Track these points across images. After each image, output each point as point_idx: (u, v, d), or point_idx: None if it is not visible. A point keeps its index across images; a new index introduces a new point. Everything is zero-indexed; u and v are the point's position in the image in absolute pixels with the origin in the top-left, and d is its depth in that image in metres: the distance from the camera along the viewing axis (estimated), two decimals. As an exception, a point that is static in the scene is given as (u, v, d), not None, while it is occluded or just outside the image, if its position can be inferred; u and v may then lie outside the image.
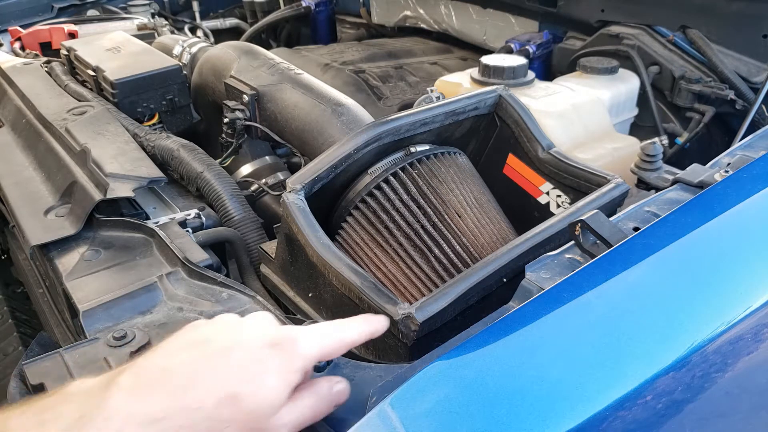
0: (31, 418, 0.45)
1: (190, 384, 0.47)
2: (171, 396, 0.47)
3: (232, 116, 1.23)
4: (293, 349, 0.52)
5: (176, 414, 0.46)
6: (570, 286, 0.61)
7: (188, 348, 0.51)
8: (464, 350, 0.55)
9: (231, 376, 0.49)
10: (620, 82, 1.45)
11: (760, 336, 0.63)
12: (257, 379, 0.49)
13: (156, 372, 0.48)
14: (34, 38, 1.83)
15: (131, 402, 0.46)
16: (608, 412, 0.51)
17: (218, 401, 0.47)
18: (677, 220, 0.69)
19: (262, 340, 0.52)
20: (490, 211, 0.94)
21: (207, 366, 0.49)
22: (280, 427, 0.51)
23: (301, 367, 0.52)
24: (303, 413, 0.52)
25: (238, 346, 0.51)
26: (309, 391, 0.53)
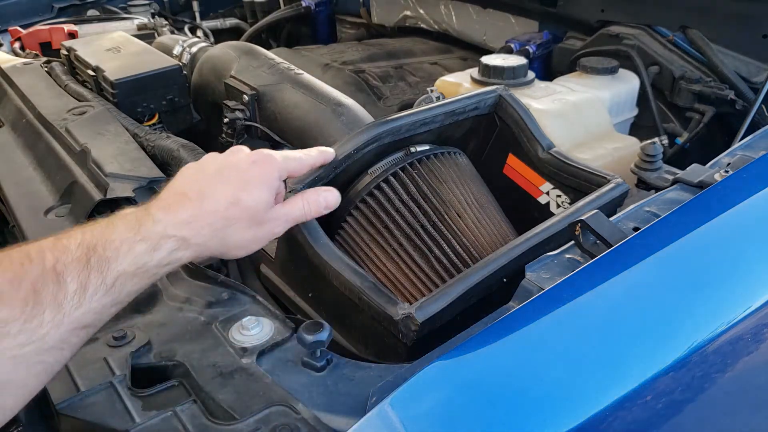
0: (102, 223, 0.62)
1: (204, 197, 0.66)
2: (193, 207, 0.65)
3: (232, 116, 1.23)
4: (269, 162, 0.71)
5: (200, 218, 0.65)
6: (570, 286, 0.61)
7: (193, 176, 0.69)
8: (464, 350, 0.55)
9: (230, 186, 0.68)
10: (620, 82, 1.45)
11: (759, 336, 0.63)
12: (248, 186, 0.68)
13: (176, 196, 0.67)
14: (34, 38, 1.83)
15: (167, 214, 0.64)
16: (608, 412, 0.51)
17: (226, 205, 0.66)
18: (677, 220, 0.69)
19: (245, 160, 0.71)
20: (490, 211, 0.94)
21: (212, 184, 0.68)
22: (274, 219, 0.71)
23: (277, 175, 0.71)
24: (292, 210, 0.73)
25: (228, 167, 0.70)
26: (298, 196, 0.75)
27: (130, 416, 0.61)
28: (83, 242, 0.58)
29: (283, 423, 0.57)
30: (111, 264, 0.59)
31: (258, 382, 0.63)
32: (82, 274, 0.56)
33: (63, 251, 0.57)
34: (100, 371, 0.66)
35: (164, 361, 0.68)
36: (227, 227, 0.67)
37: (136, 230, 0.62)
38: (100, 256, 0.58)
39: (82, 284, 0.56)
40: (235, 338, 0.69)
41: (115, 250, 0.59)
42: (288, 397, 0.60)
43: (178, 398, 0.63)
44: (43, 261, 0.55)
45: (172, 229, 0.63)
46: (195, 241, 0.65)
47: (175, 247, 0.64)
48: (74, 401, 0.63)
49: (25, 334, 0.52)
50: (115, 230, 0.61)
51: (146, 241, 0.61)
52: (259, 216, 0.69)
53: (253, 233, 0.69)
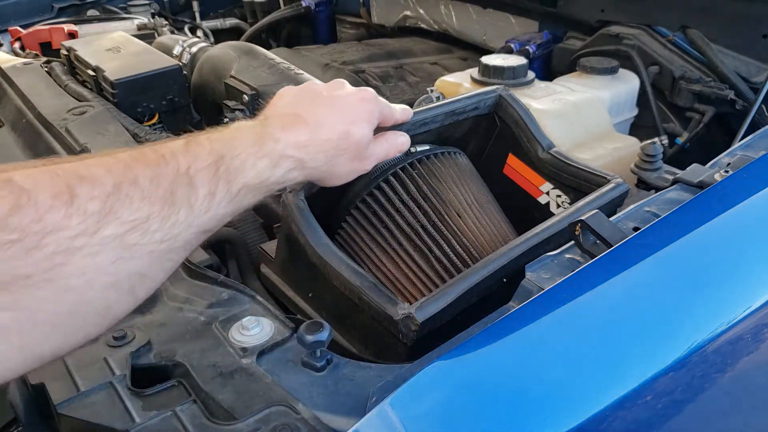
0: (228, 133, 0.65)
1: (320, 125, 0.70)
2: (311, 131, 0.69)
3: (232, 116, 1.23)
4: (374, 101, 0.77)
5: (316, 143, 0.69)
6: (570, 286, 0.61)
7: (305, 100, 0.73)
8: (464, 350, 0.55)
9: (343, 119, 0.72)
10: (620, 82, 1.45)
11: (760, 336, 0.63)
12: (358, 121, 0.73)
13: (292, 116, 0.70)
14: (34, 38, 1.83)
15: (286, 134, 0.67)
16: (608, 412, 0.51)
17: (339, 135, 0.71)
18: (677, 220, 0.69)
19: (355, 96, 0.76)
20: (490, 211, 0.94)
21: (326, 113, 0.71)
22: (370, 156, 0.77)
23: (377, 116, 0.77)
24: (381, 148, 0.80)
25: (340, 100, 0.74)
26: (384, 136, 0.81)
27: (130, 416, 0.61)
28: (213, 151, 0.61)
29: (283, 423, 0.57)
30: (237, 175, 0.62)
31: (258, 382, 0.63)
32: (212, 182, 0.59)
33: (195, 157, 0.59)
34: (100, 371, 0.66)
35: (164, 361, 0.68)
36: (337, 156, 0.72)
37: (259, 146, 0.65)
38: (227, 166, 0.61)
39: (211, 191, 0.59)
40: (235, 338, 0.69)
41: (242, 162, 0.62)
42: (288, 397, 0.60)
43: (178, 398, 0.63)
44: (178, 164, 0.57)
45: (291, 149, 0.67)
46: (310, 164, 0.69)
47: (292, 167, 0.67)
48: (74, 401, 0.63)
49: (162, 231, 0.54)
50: (241, 143, 0.64)
51: (268, 158, 0.65)
52: (361, 151, 0.75)
53: (353, 166, 0.75)
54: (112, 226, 0.50)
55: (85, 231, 0.49)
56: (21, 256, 0.45)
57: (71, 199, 0.49)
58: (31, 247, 0.46)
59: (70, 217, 0.48)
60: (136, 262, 0.53)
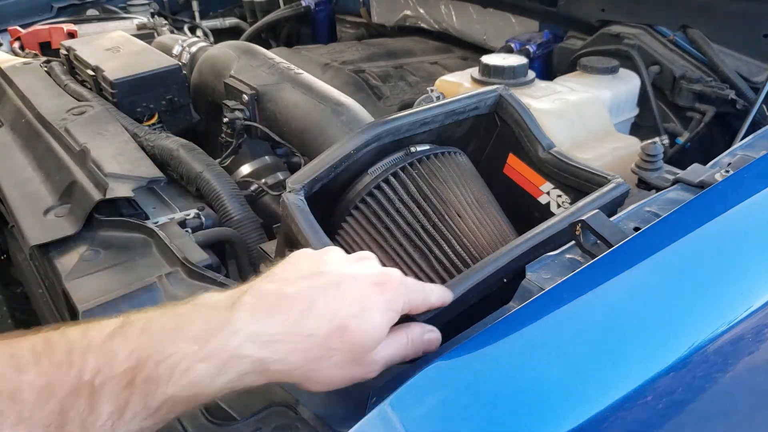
0: (169, 321, 0.50)
1: (306, 313, 0.52)
2: (288, 321, 0.51)
3: (231, 116, 1.23)
4: (396, 290, 0.57)
5: (291, 338, 0.51)
6: (570, 286, 0.61)
7: (305, 278, 0.55)
8: (464, 351, 0.55)
9: (342, 309, 0.53)
10: (620, 81, 1.45)
11: (760, 336, 0.63)
12: (364, 314, 0.54)
13: (276, 298, 0.53)
14: (33, 38, 1.83)
15: (252, 322, 0.51)
16: (608, 413, 0.51)
17: (329, 331, 0.52)
18: (677, 220, 0.69)
19: (370, 279, 0.56)
20: (490, 211, 0.94)
21: (321, 297, 0.53)
22: (377, 362, 0.55)
23: (400, 308, 0.57)
24: (396, 352, 0.57)
25: (349, 282, 0.55)
26: (403, 333, 0.58)
27: (129, 417, 0.60)
28: (135, 350, 0.47)
29: (283, 423, 0.57)
30: (159, 387, 0.47)
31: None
32: (122, 395, 0.46)
33: (109, 360, 0.47)
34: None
35: (164, 361, 0.68)
36: (322, 359, 0.52)
37: (203, 341, 0.49)
38: (148, 375, 0.47)
39: (120, 407, 0.46)
40: (235, 338, 0.69)
41: (170, 368, 0.48)
42: (288, 397, 0.60)
43: (178, 398, 0.63)
44: (82, 369, 0.46)
45: (250, 346, 0.50)
46: (275, 367, 0.51)
47: (247, 371, 0.50)
48: (73, 401, 0.63)
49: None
50: (179, 338, 0.49)
51: (211, 360, 0.49)
52: (362, 355, 0.54)
53: (344, 373, 0.54)
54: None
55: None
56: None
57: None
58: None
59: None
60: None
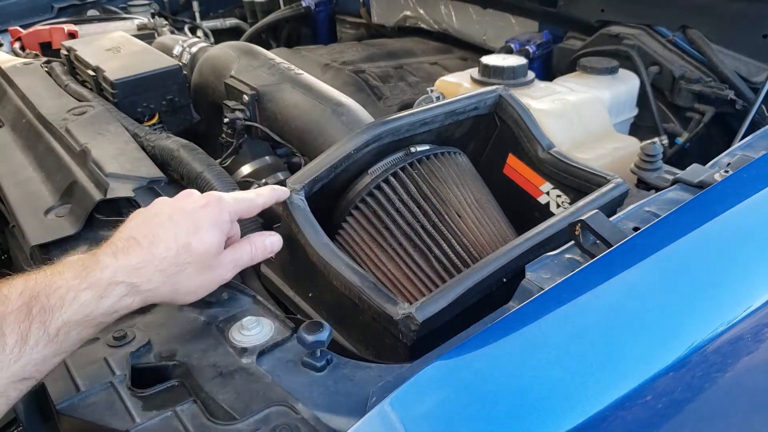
0: (48, 270, 0.60)
1: (155, 243, 0.65)
2: (143, 253, 0.64)
3: (232, 116, 1.23)
4: (219, 204, 0.70)
5: (150, 263, 0.64)
6: (570, 286, 0.61)
7: (144, 222, 0.68)
8: (464, 350, 0.55)
9: (181, 231, 0.66)
10: (620, 82, 1.45)
11: (759, 336, 0.63)
12: (199, 230, 0.67)
13: (126, 241, 0.65)
14: (34, 38, 1.83)
15: (117, 260, 0.62)
16: (608, 412, 0.51)
17: (177, 249, 0.65)
18: (677, 220, 0.69)
19: (195, 203, 0.70)
20: (490, 211, 0.94)
21: (162, 229, 0.66)
22: (225, 264, 0.70)
23: (227, 218, 0.70)
24: (241, 255, 0.72)
25: (179, 211, 0.68)
26: (245, 240, 0.74)
27: (130, 416, 0.61)
28: (25, 291, 0.56)
29: (283, 423, 0.57)
30: (54, 313, 0.57)
31: (258, 382, 0.63)
32: (23, 325, 0.55)
33: (3, 301, 0.55)
34: (100, 371, 0.66)
35: (164, 361, 0.68)
36: (178, 273, 0.65)
37: (82, 277, 0.59)
38: (42, 305, 0.56)
39: (23, 336, 0.54)
40: (235, 338, 0.69)
41: (60, 298, 0.57)
42: (288, 397, 0.60)
43: (178, 398, 0.63)
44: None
45: (121, 275, 0.62)
46: (145, 287, 0.63)
47: (124, 294, 0.62)
48: (74, 401, 0.63)
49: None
50: (61, 277, 0.59)
51: (93, 288, 0.59)
52: (209, 261, 0.68)
53: (203, 278, 0.68)
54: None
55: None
56: None
57: None
58: None
59: None
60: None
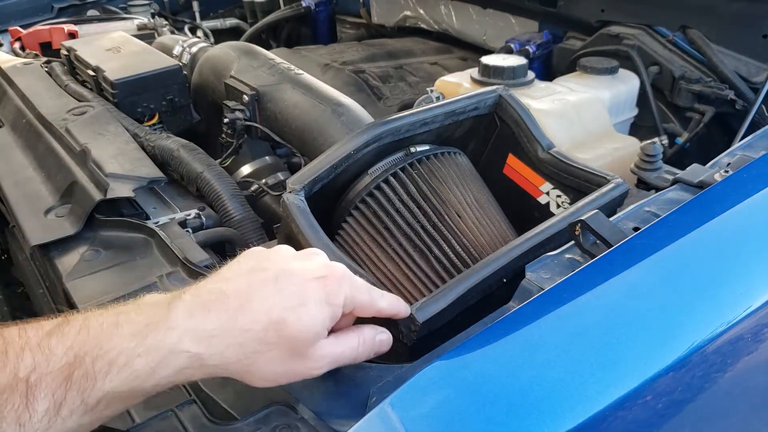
0: (108, 318, 0.51)
1: (243, 308, 0.53)
2: (225, 317, 0.52)
3: (232, 116, 1.23)
4: (337, 284, 0.57)
5: (228, 333, 0.52)
6: (570, 286, 0.61)
7: (244, 275, 0.56)
8: (464, 350, 0.55)
9: (279, 303, 0.54)
10: (620, 82, 1.45)
11: (760, 336, 0.63)
12: (301, 308, 0.54)
13: (214, 294, 0.54)
14: (34, 38, 1.83)
15: (190, 319, 0.52)
16: (608, 412, 0.51)
17: (266, 325, 0.53)
18: (677, 220, 0.69)
19: (310, 273, 0.56)
20: (490, 211, 0.94)
21: (258, 293, 0.54)
22: (321, 358, 0.56)
23: (340, 302, 0.57)
24: (344, 350, 0.58)
25: (288, 276, 0.55)
26: (354, 333, 0.59)
27: (130, 416, 0.61)
28: (74, 346, 0.49)
29: (283, 423, 0.57)
30: (98, 382, 0.49)
31: (258, 382, 0.63)
32: (58, 392, 0.47)
33: (46, 357, 0.48)
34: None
35: (164, 361, 0.68)
36: (258, 354, 0.53)
37: (141, 337, 0.50)
38: (86, 370, 0.48)
39: (56, 404, 0.47)
40: (235, 338, 0.69)
41: (108, 363, 0.49)
42: (288, 397, 0.60)
43: (178, 398, 0.63)
44: (18, 366, 0.47)
45: (188, 341, 0.51)
46: (212, 361, 0.52)
47: (185, 366, 0.51)
48: (74, 401, 0.63)
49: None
50: (118, 333, 0.50)
51: (149, 355, 0.50)
52: (302, 348, 0.54)
53: (287, 368, 0.55)
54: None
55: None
56: None
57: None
58: None
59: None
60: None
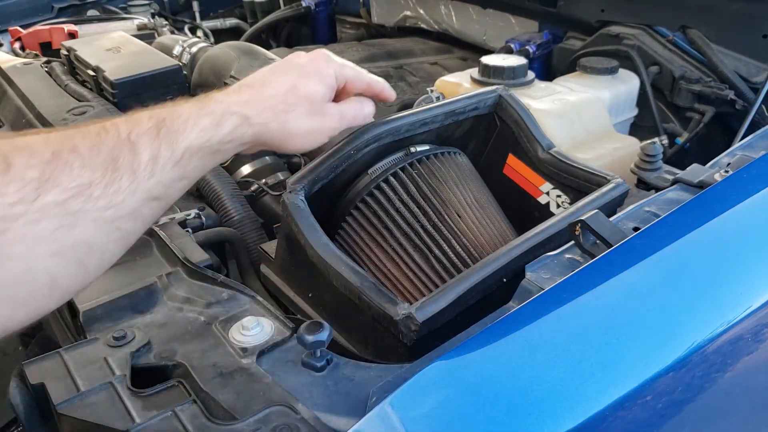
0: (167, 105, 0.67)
1: (264, 85, 0.74)
2: (253, 91, 0.73)
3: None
4: (325, 59, 0.80)
5: (258, 99, 0.72)
6: (570, 286, 0.61)
7: (257, 73, 0.78)
8: (464, 350, 0.55)
9: (288, 78, 0.75)
10: (620, 82, 1.45)
11: (760, 336, 0.63)
12: (305, 76, 0.76)
13: (239, 86, 0.75)
14: (34, 38, 1.83)
15: (228, 96, 0.72)
16: (608, 412, 0.51)
17: (285, 90, 0.74)
18: (677, 220, 0.69)
19: (304, 56, 0.80)
20: (490, 211, 0.94)
21: (272, 74, 0.76)
22: (333, 114, 0.78)
23: (332, 72, 0.79)
24: (347, 109, 0.81)
25: (288, 62, 0.79)
26: (351, 99, 0.83)
27: (130, 416, 0.61)
28: (153, 115, 0.63)
29: (283, 423, 0.57)
30: (179, 136, 0.63)
31: (258, 382, 0.63)
32: (154, 145, 0.60)
33: (136, 123, 0.61)
34: (100, 371, 0.66)
35: (164, 361, 0.68)
36: (287, 112, 0.73)
37: (200, 106, 0.67)
38: (169, 128, 0.63)
39: (154, 155, 0.60)
40: (235, 338, 0.69)
41: (183, 123, 0.64)
42: (288, 397, 0.60)
43: (178, 398, 0.63)
44: (118, 131, 0.59)
45: (234, 106, 0.70)
46: (256, 120, 0.71)
47: (238, 123, 0.69)
48: (74, 401, 0.63)
49: (106, 198, 0.55)
50: (181, 107, 0.66)
51: (210, 116, 0.67)
52: (317, 106, 0.76)
53: (312, 122, 0.76)
54: (52, 193, 0.51)
55: (24, 198, 0.50)
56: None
57: (7, 168, 0.50)
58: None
59: (7, 185, 0.49)
60: (81, 230, 0.53)
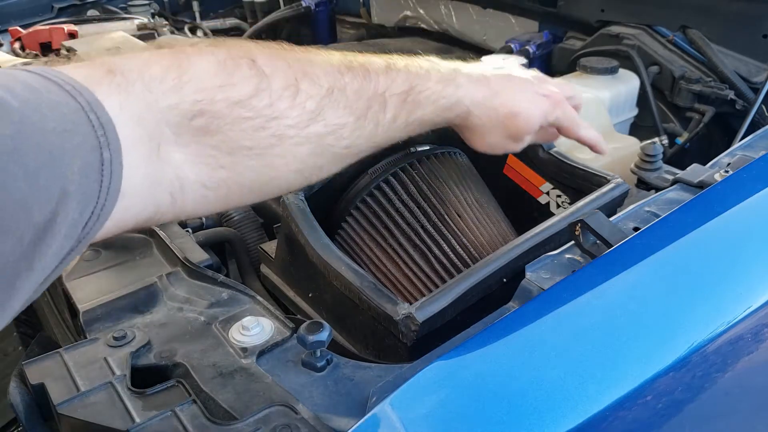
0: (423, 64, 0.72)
1: (498, 94, 0.74)
2: (487, 94, 0.73)
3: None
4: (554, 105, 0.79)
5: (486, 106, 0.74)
6: (570, 286, 0.61)
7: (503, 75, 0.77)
8: (464, 350, 0.55)
9: (520, 101, 0.75)
10: (620, 82, 1.44)
11: (760, 336, 0.63)
12: (529, 110, 0.76)
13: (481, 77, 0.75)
14: (34, 38, 1.82)
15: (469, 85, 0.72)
16: (608, 412, 0.51)
17: (507, 113, 0.75)
18: (677, 220, 0.69)
19: (542, 90, 0.79)
20: (490, 211, 0.94)
21: (510, 88, 0.76)
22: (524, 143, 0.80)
23: (553, 119, 0.79)
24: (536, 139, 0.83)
25: (530, 85, 0.78)
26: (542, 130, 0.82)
27: (130, 416, 0.61)
28: (407, 80, 0.67)
29: (283, 423, 0.57)
30: (418, 109, 0.68)
31: (258, 382, 0.63)
32: (398, 108, 0.66)
33: (392, 81, 0.66)
34: (100, 371, 0.66)
35: (164, 361, 0.68)
36: (496, 127, 0.76)
37: (443, 86, 0.70)
38: (414, 99, 0.67)
39: (395, 116, 0.66)
40: (235, 338, 0.69)
41: (426, 98, 0.68)
42: (288, 397, 0.60)
43: (178, 398, 0.63)
44: (378, 84, 0.64)
45: (467, 100, 0.72)
46: (472, 120, 0.74)
47: (459, 114, 0.72)
48: (74, 401, 0.63)
49: (350, 140, 0.62)
50: (429, 80, 0.69)
51: (447, 99, 0.70)
52: (519, 135, 0.78)
53: (505, 143, 0.78)
54: (318, 126, 0.59)
55: (299, 124, 0.57)
56: (249, 132, 0.54)
57: (296, 93, 0.57)
58: (258, 126, 0.55)
59: (292, 109, 0.56)
60: (323, 159, 0.62)
